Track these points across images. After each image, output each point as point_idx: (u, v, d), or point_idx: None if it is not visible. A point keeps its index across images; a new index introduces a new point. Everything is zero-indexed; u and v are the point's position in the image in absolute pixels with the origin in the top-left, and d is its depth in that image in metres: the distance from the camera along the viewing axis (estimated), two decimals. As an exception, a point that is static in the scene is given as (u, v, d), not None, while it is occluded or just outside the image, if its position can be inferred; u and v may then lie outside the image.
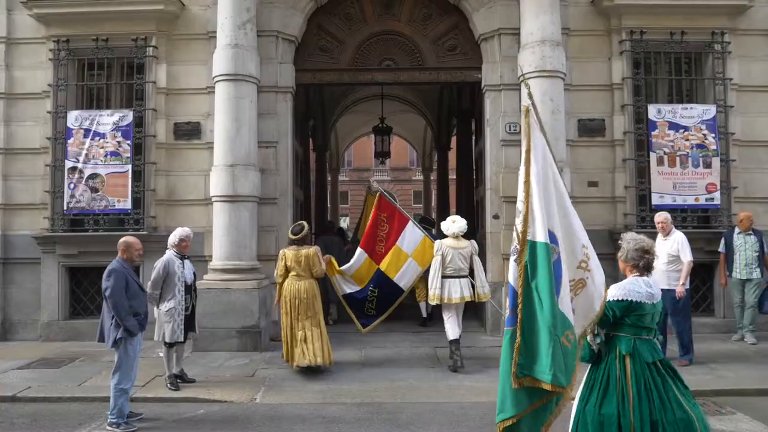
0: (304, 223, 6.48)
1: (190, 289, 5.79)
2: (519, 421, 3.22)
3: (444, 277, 6.21)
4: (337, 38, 8.43)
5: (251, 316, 7.14)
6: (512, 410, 3.20)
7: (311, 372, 6.06)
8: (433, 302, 6.31)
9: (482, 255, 8.45)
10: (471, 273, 6.33)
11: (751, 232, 7.26)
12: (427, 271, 6.43)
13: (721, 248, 7.45)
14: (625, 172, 7.95)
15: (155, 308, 5.64)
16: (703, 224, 7.99)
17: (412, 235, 6.66)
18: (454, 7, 8.20)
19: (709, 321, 7.80)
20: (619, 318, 3.06)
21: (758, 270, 7.22)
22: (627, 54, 7.95)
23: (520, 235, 3.36)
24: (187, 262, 5.82)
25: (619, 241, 3.32)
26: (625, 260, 3.22)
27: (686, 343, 6.44)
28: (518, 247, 3.35)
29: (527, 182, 3.56)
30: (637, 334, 3.05)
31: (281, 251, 6.50)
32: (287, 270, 6.27)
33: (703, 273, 8.05)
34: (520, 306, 3.22)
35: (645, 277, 3.16)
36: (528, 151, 3.54)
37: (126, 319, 4.59)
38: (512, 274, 3.34)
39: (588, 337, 3.21)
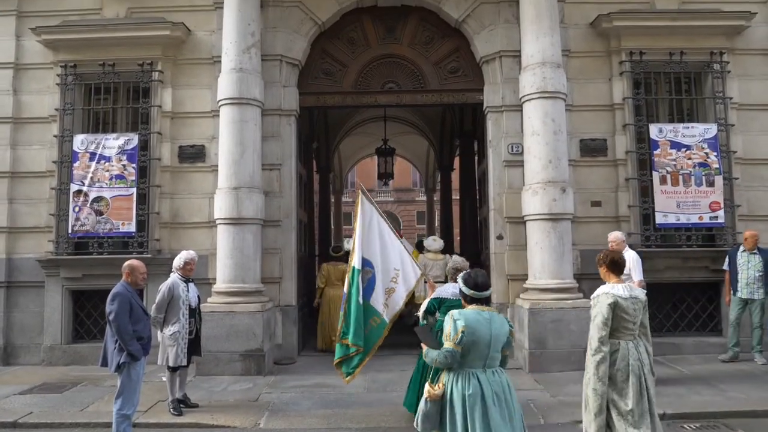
0: (341, 245, 8.15)
1: (194, 313, 5.78)
2: (341, 363, 5.35)
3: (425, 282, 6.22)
4: (341, 62, 8.52)
5: (255, 340, 7.11)
6: (339, 355, 5.35)
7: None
8: (418, 303, 6.74)
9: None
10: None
11: (756, 251, 7.23)
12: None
13: (726, 266, 7.43)
14: (628, 192, 7.95)
15: (159, 332, 5.62)
16: (708, 243, 7.97)
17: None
18: (456, 30, 8.30)
19: (717, 341, 7.72)
20: (437, 307, 5.15)
21: (762, 290, 7.16)
22: (627, 74, 8.02)
23: (350, 262, 5.55)
24: (191, 285, 5.82)
25: None
26: (448, 273, 5.64)
27: None
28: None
29: (354, 231, 5.60)
30: None
31: (323, 265, 9.23)
32: (327, 280, 8.76)
33: (710, 292, 8.02)
34: (344, 302, 5.35)
35: (455, 283, 4.70)
36: (356, 214, 5.65)
37: (129, 344, 4.57)
38: (345, 284, 5.46)
39: (422, 318, 5.19)
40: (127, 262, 4.96)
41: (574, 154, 7.94)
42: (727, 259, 7.43)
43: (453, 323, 3.28)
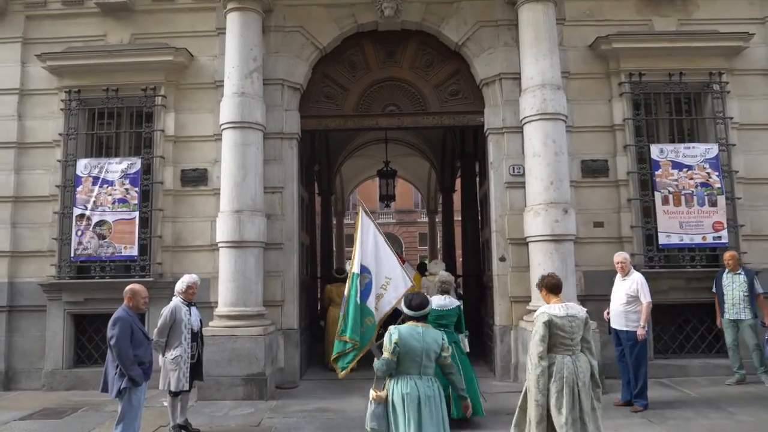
0: (344, 268, 8.20)
1: (196, 337, 5.74)
2: (338, 359, 5.89)
3: None
4: (342, 85, 8.60)
5: (257, 364, 7.05)
6: (337, 350, 5.91)
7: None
8: None
9: (488, 298, 8.41)
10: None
11: (740, 271, 7.17)
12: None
13: (714, 288, 7.39)
14: (630, 212, 7.95)
15: (161, 356, 5.58)
16: (712, 263, 7.91)
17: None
18: (455, 53, 8.38)
19: (724, 362, 7.63)
20: None
21: (747, 310, 7.06)
22: (627, 95, 8.07)
23: (350, 268, 6.27)
24: (193, 309, 5.79)
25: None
26: (435, 286, 6.31)
27: (642, 388, 6.32)
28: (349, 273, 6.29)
29: (354, 241, 6.27)
30: (437, 326, 5.28)
31: (327, 287, 9.82)
32: (331, 301, 9.14)
33: (715, 313, 7.94)
34: (345, 304, 5.98)
35: (445, 296, 6.00)
36: (356, 227, 6.34)
37: (131, 369, 4.54)
38: (346, 288, 6.12)
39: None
40: (128, 287, 4.95)
41: (576, 175, 7.95)
42: (714, 282, 7.39)
43: (389, 336, 3.91)
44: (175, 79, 8.26)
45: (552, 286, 4.38)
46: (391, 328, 3.99)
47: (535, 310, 7.16)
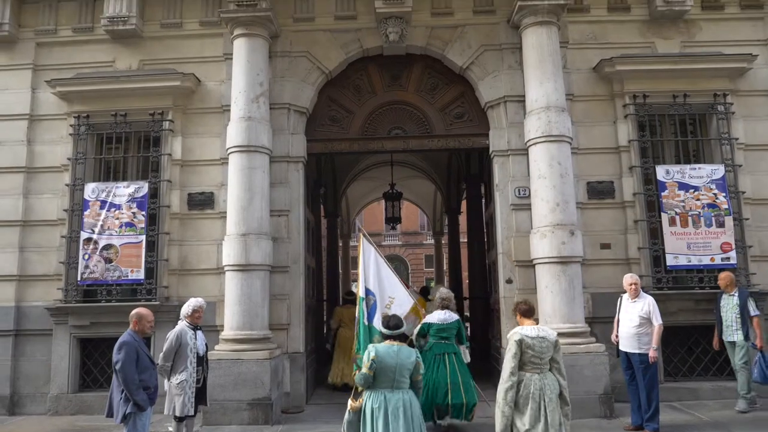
0: (353, 290, 8.62)
1: (202, 361, 5.71)
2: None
3: None
4: (347, 109, 8.67)
5: (262, 388, 7.00)
6: (355, 369, 5.80)
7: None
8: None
9: (495, 321, 8.35)
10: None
11: (734, 292, 7.08)
12: None
13: (716, 310, 7.30)
14: (637, 234, 7.91)
15: (166, 380, 5.56)
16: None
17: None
18: (460, 76, 8.45)
19: (734, 385, 7.51)
20: (427, 330, 6.42)
21: (739, 332, 6.94)
22: (631, 117, 8.09)
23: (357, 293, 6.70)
24: (199, 332, 5.77)
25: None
26: (436, 302, 6.75)
27: (654, 412, 6.22)
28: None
29: (358, 266, 6.72)
30: (438, 338, 6.39)
31: (336, 308, 10.28)
32: (341, 322, 9.38)
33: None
34: (356, 324, 6.39)
35: (445, 311, 6.53)
36: (359, 253, 6.78)
37: (136, 393, 4.52)
38: (356, 310, 6.50)
39: (416, 340, 6.40)
40: (134, 311, 4.95)
41: (582, 197, 7.94)
42: (715, 304, 7.33)
43: (367, 353, 4.48)
44: (183, 104, 8.35)
45: (524, 311, 4.94)
46: (370, 346, 4.58)
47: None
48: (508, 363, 4.63)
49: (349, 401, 4.58)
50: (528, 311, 4.94)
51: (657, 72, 8.11)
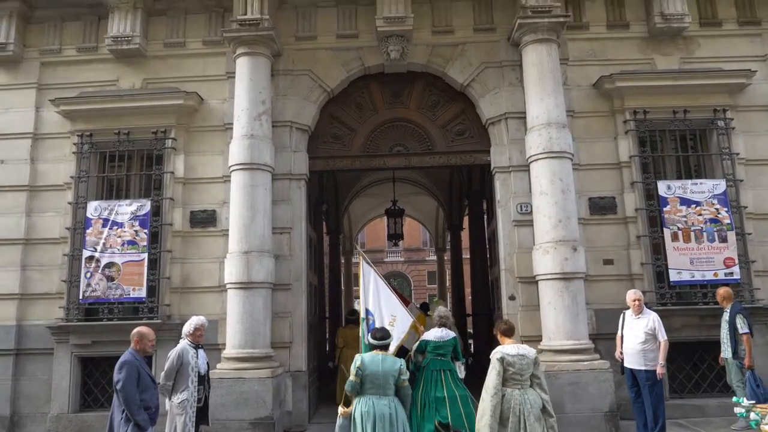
0: (357, 309, 8.34)
1: (203, 380, 5.66)
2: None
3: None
4: (349, 126, 8.71)
5: (264, 407, 6.95)
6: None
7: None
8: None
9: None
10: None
11: (728, 308, 6.96)
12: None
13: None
14: (640, 249, 7.89)
15: (167, 400, 5.51)
16: (725, 300, 7.80)
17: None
18: (461, 93, 8.50)
19: (742, 402, 7.44)
20: (424, 347, 6.44)
21: (729, 350, 6.82)
22: (632, 133, 8.11)
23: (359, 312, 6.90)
24: (200, 351, 5.74)
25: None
26: (434, 320, 6.71)
27: (660, 428, 6.17)
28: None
29: (360, 287, 6.88)
30: (435, 355, 6.37)
31: (339, 328, 10.31)
32: (345, 341, 9.26)
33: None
34: (360, 344, 6.42)
35: (442, 329, 6.49)
36: (359, 276, 6.98)
37: (137, 413, 4.49)
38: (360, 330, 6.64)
39: (414, 357, 6.54)
40: (136, 329, 4.94)
41: (584, 213, 7.94)
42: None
43: (354, 362, 4.94)
44: (186, 122, 8.40)
45: (505, 330, 5.36)
46: (357, 356, 5.08)
47: (548, 350, 7.14)
48: (491, 380, 4.98)
49: (340, 408, 5.06)
50: (508, 330, 5.36)
51: (657, 88, 8.15)
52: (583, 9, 8.52)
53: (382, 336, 5.18)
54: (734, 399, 6.56)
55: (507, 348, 5.14)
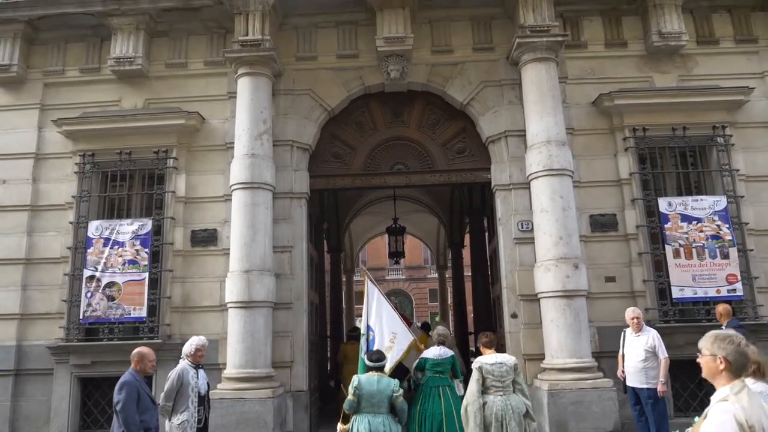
0: (359, 327, 8.25)
1: (203, 401, 5.61)
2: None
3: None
4: (350, 145, 8.76)
5: (265, 428, 6.89)
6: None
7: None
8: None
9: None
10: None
11: (725, 325, 6.78)
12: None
13: None
14: (641, 266, 7.87)
15: (167, 421, 5.46)
16: (728, 317, 7.75)
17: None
18: (461, 112, 8.55)
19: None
20: (423, 364, 6.53)
21: None
22: (632, 150, 8.14)
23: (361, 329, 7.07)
24: (201, 371, 5.70)
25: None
26: (433, 338, 6.84)
27: None
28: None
29: (362, 306, 7.06)
30: (434, 372, 6.47)
31: (342, 345, 10.47)
32: (346, 359, 9.30)
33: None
34: (359, 360, 6.48)
35: (441, 347, 6.62)
36: (364, 293, 7.09)
37: (136, 435, 4.45)
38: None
39: (414, 374, 6.68)
40: (136, 350, 4.92)
41: (585, 230, 7.93)
42: None
43: (352, 382, 5.26)
44: (187, 142, 8.44)
45: (485, 343, 5.81)
46: (354, 376, 5.41)
47: (551, 368, 7.09)
48: (470, 388, 5.47)
49: (339, 425, 5.40)
50: (488, 343, 5.82)
51: (655, 106, 8.19)
52: (581, 28, 8.60)
53: (377, 358, 5.49)
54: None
55: (485, 358, 5.60)
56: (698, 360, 2.83)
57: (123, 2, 8.39)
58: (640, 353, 6.31)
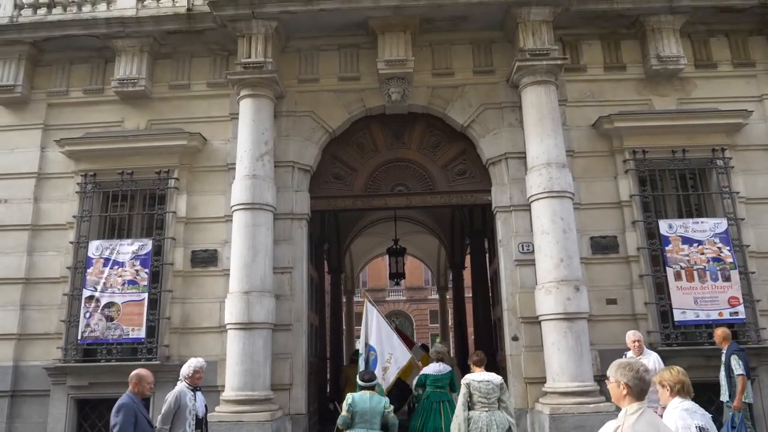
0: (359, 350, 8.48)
1: (201, 423, 5.55)
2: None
3: None
4: (351, 166, 8.79)
5: (263, 451, 6.79)
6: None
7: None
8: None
9: (503, 379, 8.14)
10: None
11: (725, 349, 6.72)
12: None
13: None
14: (643, 288, 7.83)
15: (164, 444, 5.39)
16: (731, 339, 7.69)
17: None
18: (461, 134, 8.59)
19: (752, 446, 7.26)
20: (424, 380, 7.11)
21: (726, 393, 6.54)
22: (632, 172, 8.15)
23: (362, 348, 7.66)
24: (198, 393, 5.64)
25: None
26: (432, 355, 7.52)
27: None
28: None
29: (361, 327, 7.66)
30: (434, 387, 7.04)
31: (343, 367, 11.47)
32: (348, 381, 9.53)
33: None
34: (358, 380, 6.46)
35: (440, 363, 7.20)
36: (363, 314, 7.68)
37: (133, 458, 4.39)
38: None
39: (414, 390, 7.34)
40: (134, 372, 4.88)
41: (586, 252, 7.91)
42: None
43: (346, 400, 5.63)
44: (189, 162, 8.47)
45: (476, 361, 6.23)
46: (348, 394, 5.79)
47: (552, 392, 7.02)
48: (458, 402, 5.96)
49: None
50: (478, 361, 6.22)
51: (655, 128, 8.23)
52: (581, 52, 8.69)
53: (369, 378, 5.87)
54: None
55: (474, 375, 6.05)
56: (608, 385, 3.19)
57: (127, 25, 8.50)
58: None
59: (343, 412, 5.60)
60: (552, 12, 8.04)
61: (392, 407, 5.77)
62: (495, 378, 6.04)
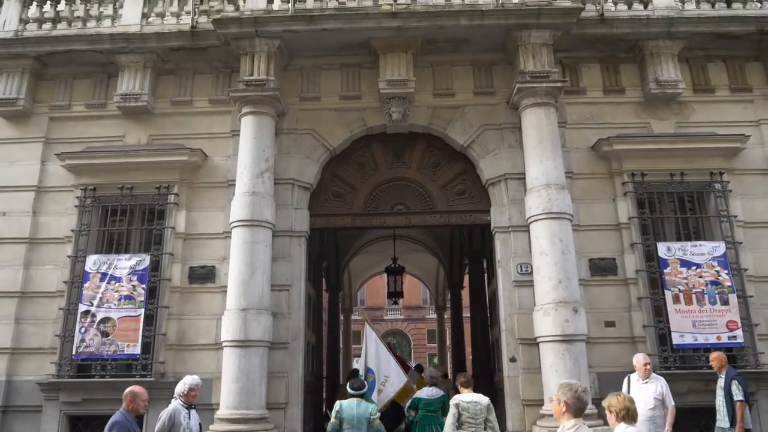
0: (358, 370, 8.88)
1: (194, 442, 5.50)
2: None
3: None
4: (350, 184, 8.80)
5: (257, 471, 6.71)
6: None
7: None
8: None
9: (500, 401, 8.09)
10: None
11: (722, 375, 6.67)
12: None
13: None
14: (641, 311, 7.81)
15: (157, 463, 5.32)
16: (729, 364, 7.64)
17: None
18: (461, 154, 8.63)
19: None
20: (416, 404, 7.37)
21: (726, 419, 6.45)
22: (630, 195, 8.18)
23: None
24: (193, 411, 5.58)
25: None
26: (425, 379, 7.95)
27: None
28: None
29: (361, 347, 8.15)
30: (426, 411, 7.29)
31: (340, 386, 11.01)
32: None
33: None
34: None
35: (432, 387, 7.51)
36: (363, 338, 8.30)
37: (125, 477, 4.33)
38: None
39: (407, 413, 7.61)
40: (129, 389, 4.84)
41: (584, 274, 7.90)
42: None
43: (334, 407, 6.00)
44: (189, 178, 8.49)
45: (463, 383, 6.48)
46: (337, 402, 6.19)
47: (550, 415, 6.95)
48: (448, 421, 6.18)
49: None
50: (466, 383, 6.48)
51: (654, 151, 8.27)
52: (580, 75, 8.77)
53: (358, 386, 6.25)
54: None
55: (463, 396, 6.28)
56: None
57: (131, 41, 8.57)
58: (650, 401, 6.18)
59: (332, 419, 5.92)
60: (552, 35, 8.12)
61: (378, 414, 6.11)
62: (482, 399, 6.26)
